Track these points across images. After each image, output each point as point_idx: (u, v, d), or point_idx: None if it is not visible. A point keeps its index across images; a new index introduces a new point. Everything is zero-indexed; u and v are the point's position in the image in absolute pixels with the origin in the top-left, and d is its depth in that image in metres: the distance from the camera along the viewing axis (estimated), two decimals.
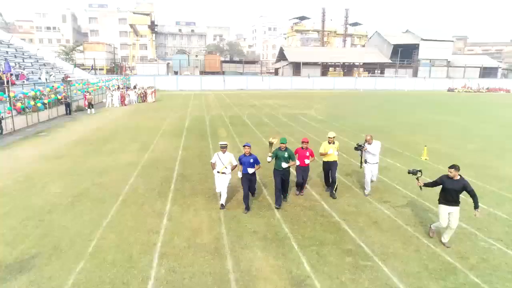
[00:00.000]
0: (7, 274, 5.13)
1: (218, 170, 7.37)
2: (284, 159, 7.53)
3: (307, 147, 8.02)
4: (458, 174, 5.86)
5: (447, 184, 5.91)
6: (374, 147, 8.20)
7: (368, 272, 5.26)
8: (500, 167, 11.13)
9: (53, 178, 9.72)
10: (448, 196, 5.90)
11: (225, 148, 7.44)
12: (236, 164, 7.56)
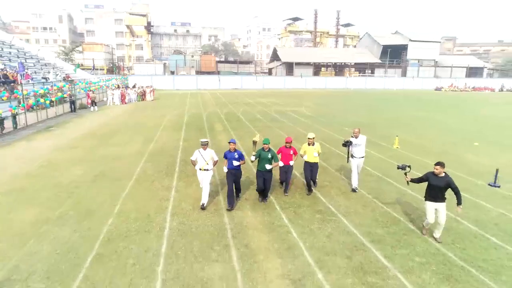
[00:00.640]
0: (54, 226, 6.67)
1: (200, 167, 7.37)
2: (268, 160, 7.50)
3: (290, 146, 8.01)
4: (443, 171, 5.93)
5: (432, 180, 5.97)
6: (360, 139, 8.43)
7: (332, 223, 6.90)
8: (463, 156, 12.80)
9: (72, 163, 11.22)
10: (433, 193, 5.96)
11: (206, 145, 7.43)
12: (217, 159, 7.60)
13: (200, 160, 7.37)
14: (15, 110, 16.39)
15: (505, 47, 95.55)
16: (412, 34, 64.30)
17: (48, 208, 7.54)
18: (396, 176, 9.85)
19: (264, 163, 7.46)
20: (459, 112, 27.70)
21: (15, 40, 38.44)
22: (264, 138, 7.77)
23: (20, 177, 9.75)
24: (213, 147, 13.28)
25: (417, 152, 13.04)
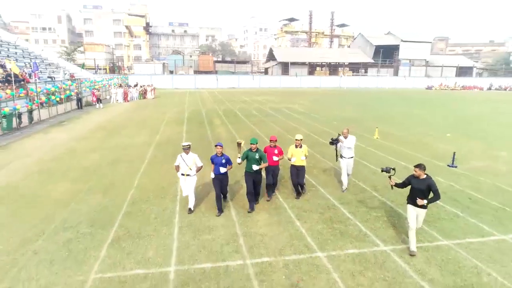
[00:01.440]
0: (87, 195, 8.25)
1: (183, 173, 7.04)
2: (255, 160, 7.16)
3: (275, 145, 7.73)
4: (424, 173, 5.71)
5: (413, 183, 5.79)
6: (350, 140, 8.38)
7: (311, 192, 8.54)
8: (434, 144, 14.46)
9: (89, 151, 12.78)
10: (415, 196, 5.72)
11: (188, 149, 7.09)
12: (201, 165, 7.32)
13: (182, 166, 7.02)
14: (31, 106, 17.87)
15: (496, 47, 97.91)
16: (404, 35, 66.26)
17: (78, 183, 9.12)
18: (371, 159, 11.55)
19: (252, 164, 7.13)
20: (442, 108, 29.47)
21: (19, 41, 39.78)
22: (251, 138, 7.33)
23: (47, 161, 11.31)
24: (213, 139, 14.94)
25: (394, 141, 14.73)
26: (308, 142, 14.13)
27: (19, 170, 10.25)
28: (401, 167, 10.79)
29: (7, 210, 7.37)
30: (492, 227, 6.68)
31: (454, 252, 5.74)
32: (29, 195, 8.26)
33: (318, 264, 5.40)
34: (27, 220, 6.84)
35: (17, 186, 8.88)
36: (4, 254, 5.64)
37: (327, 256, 5.61)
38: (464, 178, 9.71)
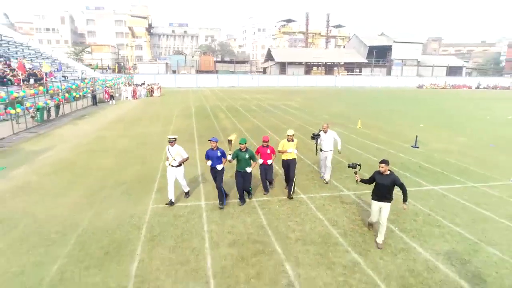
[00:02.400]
0: (129, 166, 10.75)
1: (169, 163, 7.55)
2: (245, 160, 7.37)
3: (267, 145, 7.89)
4: (388, 169, 5.87)
5: (378, 179, 5.92)
6: (329, 136, 8.84)
7: (299, 163, 11.08)
8: (407, 132, 17.01)
9: (116, 137, 15.27)
10: (379, 192, 5.90)
11: (173, 142, 7.57)
12: (187, 156, 7.75)
13: (168, 156, 7.59)
14: (58, 101, 20.35)
15: (487, 47, 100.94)
16: (396, 36, 69.01)
17: (118, 158, 11.64)
18: (352, 143, 14.12)
19: (242, 164, 7.38)
20: (426, 105, 32.10)
21: (31, 42, 42.15)
22: (240, 138, 7.60)
23: (86, 144, 13.82)
24: (220, 129, 17.47)
25: (373, 130, 17.31)
26: (301, 131, 16.79)
27: (68, 150, 12.78)
28: (375, 148, 13.40)
29: (73, 175, 9.89)
30: (428, 183, 9.27)
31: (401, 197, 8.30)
32: (85, 166, 10.77)
33: (301, 200, 7.97)
34: (90, 180, 9.37)
35: (72, 160, 11.40)
36: (84, 197, 8.16)
37: (307, 197, 8.18)
38: (421, 155, 12.31)
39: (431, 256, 5.65)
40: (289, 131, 8.27)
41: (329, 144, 8.91)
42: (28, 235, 6.27)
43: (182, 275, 5.10)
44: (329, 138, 8.90)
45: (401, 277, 5.01)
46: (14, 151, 12.63)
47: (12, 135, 15.37)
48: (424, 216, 7.16)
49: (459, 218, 7.07)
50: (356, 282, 4.95)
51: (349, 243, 6.07)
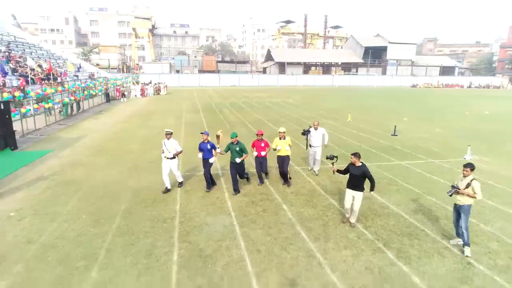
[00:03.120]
0: (152, 150, 13.04)
1: (164, 156, 8.16)
2: (236, 152, 8.01)
3: (262, 138, 8.47)
4: (359, 161, 6.39)
5: (351, 170, 6.45)
6: (318, 132, 9.28)
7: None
8: (391, 124, 19.14)
9: (136, 129, 17.54)
10: (352, 181, 6.43)
11: (169, 135, 8.22)
12: (180, 150, 8.38)
13: (164, 149, 8.23)
14: (79, 97, 22.63)
15: (481, 48, 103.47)
16: (391, 37, 71.41)
17: (143, 144, 13.92)
18: (342, 133, 16.43)
19: (234, 155, 8.06)
20: (415, 102, 34.45)
21: (42, 43, 44.38)
22: (232, 133, 8.31)
23: (111, 134, 16.10)
24: (227, 122, 19.74)
25: (361, 123, 19.63)
26: (297, 125, 19.12)
27: (98, 138, 15.08)
28: (362, 138, 15.71)
29: (110, 155, 12.16)
30: (397, 159, 11.60)
31: (375, 169, 10.59)
32: (117, 149, 13.06)
33: (294, 173, 10.27)
34: (125, 159, 11.65)
35: (105, 145, 13.69)
36: (124, 170, 10.44)
37: (301, 168, 10.48)
38: (397, 140, 14.65)
39: (386, 201, 7.97)
40: (280, 129, 8.77)
41: (318, 140, 9.39)
42: (93, 192, 8.56)
43: (211, 211, 7.41)
44: (318, 134, 9.40)
45: (361, 211, 7.29)
46: (54, 139, 14.93)
47: (46, 126, 17.67)
48: (388, 180, 9.49)
49: (413, 180, 9.40)
50: (331, 213, 7.28)
51: (329, 193, 8.39)
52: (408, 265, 5.41)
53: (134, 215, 7.18)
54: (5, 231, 6.48)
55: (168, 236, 6.31)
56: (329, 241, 6.14)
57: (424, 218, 7.08)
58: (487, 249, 5.88)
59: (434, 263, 5.47)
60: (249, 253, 5.72)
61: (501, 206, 7.75)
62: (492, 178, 9.69)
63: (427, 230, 6.58)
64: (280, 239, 6.21)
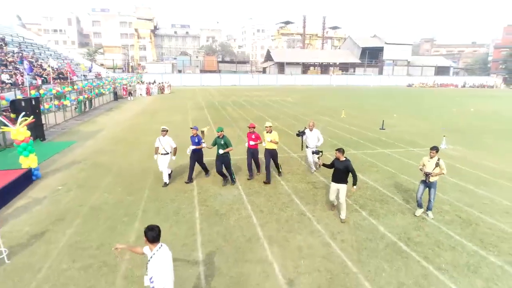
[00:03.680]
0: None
1: (160, 152, 8.67)
2: (221, 145, 8.53)
3: (253, 131, 9.08)
4: (343, 156, 6.76)
5: (335, 164, 6.82)
6: (314, 133, 9.38)
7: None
8: (381, 120, 20.93)
9: (148, 123, 19.15)
10: (336, 175, 6.81)
11: (165, 132, 8.80)
12: (175, 146, 8.90)
13: (158, 145, 8.71)
14: (91, 95, 24.24)
15: (477, 48, 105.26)
16: (388, 37, 73.14)
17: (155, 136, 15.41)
18: (336, 126, 18.06)
19: (219, 148, 8.61)
20: (408, 100, 36.12)
21: (49, 44, 45.94)
22: (217, 127, 8.88)
23: (126, 127, 17.70)
24: (230, 118, 21.34)
25: (354, 119, 21.27)
26: (295, 120, 20.76)
27: (115, 131, 16.70)
28: (353, 131, 17.34)
29: (129, 145, 13.78)
30: (380, 148, 13.24)
31: (361, 155, 12.24)
32: (135, 140, 14.68)
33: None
34: (143, 148, 13.25)
35: (123, 137, 15.31)
36: (144, 156, 12.06)
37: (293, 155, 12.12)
38: (384, 133, 16.31)
39: (366, 178, 9.60)
40: (266, 123, 9.17)
41: (314, 141, 9.41)
42: (121, 172, 10.18)
43: (224, 187, 9.03)
44: (314, 135, 9.48)
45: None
46: (75, 132, 16.56)
47: (64, 121, 19.28)
48: (370, 163, 11.14)
49: (391, 164, 11.05)
50: (320, 187, 8.92)
51: (319, 173, 10.03)
52: (376, 219, 7.06)
53: (159, 188, 8.81)
54: (59, 199, 8.11)
55: (190, 201, 7.95)
56: (317, 205, 7.79)
57: (395, 190, 8.74)
58: (439, 209, 7.53)
59: (397, 218, 7.12)
60: (254, 213, 7.36)
61: (460, 182, 9.41)
62: (460, 162, 11.35)
63: (395, 197, 8.23)
64: (279, 203, 7.85)
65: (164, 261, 3.43)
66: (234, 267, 5.38)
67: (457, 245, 6.06)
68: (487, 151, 13.14)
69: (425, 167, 6.95)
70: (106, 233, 6.45)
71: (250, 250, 5.88)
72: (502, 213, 7.44)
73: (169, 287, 3.48)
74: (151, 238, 3.48)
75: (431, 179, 6.86)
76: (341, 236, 6.36)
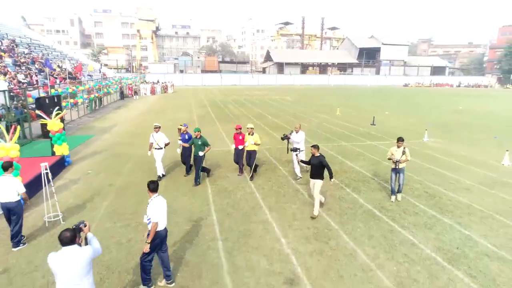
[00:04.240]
0: (176, 134, 16.16)
1: (154, 147, 9.31)
2: (198, 145, 8.80)
3: (240, 132, 9.45)
4: (318, 152, 7.13)
5: (311, 160, 7.20)
6: (299, 136, 9.26)
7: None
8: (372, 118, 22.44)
9: (155, 120, 20.46)
10: (312, 170, 7.19)
11: (157, 128, 9.35)
12: (168, 142, 9.46)
13: (152, 141, 9.33)
14: (101, 94, 25.70)
15: (473, 48, 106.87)
16: (385, 38, 74.71)
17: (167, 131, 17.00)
18: (330, 122, 19.54)
19: (196, 148, 8.93)
20: (402, 99, 37.61)
21: (55, 45, 47.39)
22: (195, 128, 9.22)
23: (136, 124, 19.16)
24: (232, 115, 22.77)
25: (348, 116, 22.75)
26: (293, 117, 22.23)
27: (128, 126, 18.16)
28: (346, 126, 18.82)
29: (142, 138, 15.13)
30: (368, 140, 14.73)
31: (351, 147, 13.70)
32: (146, 134, 15.65)
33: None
34: None
35: (136, 132, 16.76)
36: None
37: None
38: (374, 128, 17.80)
39: (353, 165, 11.08)
40: (248, 125, 9.58)
41: (299, 144, 9.17)
42: (140, 160, 11.62)
43: (229, 170, 10.49)
44: (299, 138, 9.25)
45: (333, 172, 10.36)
46: (90, 127, 18.02)
47: (78, 118, 20.73)
48: (358, 153, 12.63)
49: (377, 153, 12.53)
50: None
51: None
52: (358, 194, 8.54)
53: (175, 173, 10.29)
54: (91, 180, 9.58)
55: (202, 181, 9.41)
56: (309, 184, 9.25)
57: (377, 173, 10.22)
58: (411, 187, 9.01)
59: (374, 193, 8.61)
60: (257, 190, 8.84)
61: (434, 167, 10.89)
62: (438, 152, 12.84)
63: (376, 179, 9.72)
64: (278, 183, 9.33)
65: (158, 206, 4.73)
66: (241, 225, 6.85)
67: (420, 211, 7.55)
68: (462, 142, 14.66)
69: (394, 156, 8.00)
70: (136, 204, 7.91)
71: (254, 214, 7.36)
72: (463, 190, 8.93)
73: (161, 224, 4.74)
74: (152, 188, 4.78)
75: (400, 166, 7.92)
76: (328, 206, 7.83)
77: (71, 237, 3.44)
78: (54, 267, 3.39)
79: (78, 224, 3.73)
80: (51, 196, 7.19)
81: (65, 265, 3.38)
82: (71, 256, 3.42)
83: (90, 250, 3.58)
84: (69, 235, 3.43)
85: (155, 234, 4.68)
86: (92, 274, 3.63)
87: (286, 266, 5.45)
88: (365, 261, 5.59)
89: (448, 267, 5.43)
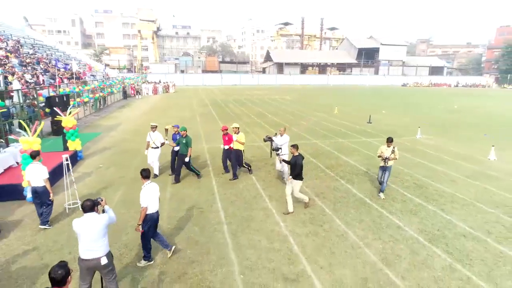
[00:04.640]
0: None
1: (151, 146, 9.52)
2: (183, 144, 9.07)
3: (227, 133, 9.68)
4: (297, 152, 7.23)
5: (291, 160, 7.35)
6: (283, 139, 9.05)
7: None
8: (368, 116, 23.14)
9: (159, 118, 21.24)
10: (291, 170, 7.37)
11: (154, 128, 9.63)
12: (163, 141, 9.60)
13: (149, 140, 9.54)
14: (105, 93, 26.38)
15: (471, 48, 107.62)
16: (384, 39, 75.43)
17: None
18: (328, 120, 20.23)
19: (181, 147, 9.20)
20: (399, 99, 38.29)
21: (58, 45, 48.06)
22: (181, 127, 9.46)
23: (141, 122, 19.83)
24: (233, 113, 23.45)
25: (346, 114, 23.44)
26: (292, 116, 22.89)
27: (132, 125, 18.84)
28: (343, 124, 19.51)
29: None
30: (364, 137, 15.41)
31: (347, 143, 14.40)
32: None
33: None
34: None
35: (140, 130, 17.35)
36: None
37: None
38: (370, 126, 18.49)
39: (349, 159, 11.78)
40: (234, 124, 9.76)
41: (284, 147, 8.90)
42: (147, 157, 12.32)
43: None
44: (282, 141, 8.97)
45: (330, 165, 11.05)
46: (97, 125, 18.71)
47: (84, 117, 21.42)
48: (353, 149, 13.32)
49: (371, 149, 13.19)
50: (309, 166, 11.08)
51: (309, 154, 12.18)
52: (351, 185, 9.24)
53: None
54: (103, 173, 10.27)
55: (207, 174, 10.11)
56: (306, 176, 9.92)
57: (370, 167, 10.91)
58: (401, 179, 9.71)
59: (367, 184, 9.30)
60: (258, 181, 9.53)
61: (424, 162, 11.59)
62: (429, 148, 13.54)
63: (369, 172, 10.42)
64: (277, 176, 10.01)
65: (150, 192, 5.29)
66: (244, 211, 7.55)
67: (407, 200, 8.25)
68: (453, 139, 15.35)
69: (383, 154, 8.43)
70: None
71: (256, 202, 8.05)
72: (449, 181, 9.63)
73: (153, 207, 5.32)
74: (144, 175, 5.43)
75: (388, 163, 8.34)
76: (323, 195, 8.53)
77: (91, 205, 4.28)
78: (78, 229, 4.20)
79: (97, 199, 4.54)
80: (70, 185, 7.88)
81: (86, 228, 4.18)
82: (91, 220, 4.23)
83: (106, 217, 4.40)
84: (90, 203, 4.28)
85: (147, 216, 5.33)
86: (107, 237, 4.38)
87: (284, 245, 6.14)
88: (355, 241, 6.28)
89: (428, 245, 6.12)
